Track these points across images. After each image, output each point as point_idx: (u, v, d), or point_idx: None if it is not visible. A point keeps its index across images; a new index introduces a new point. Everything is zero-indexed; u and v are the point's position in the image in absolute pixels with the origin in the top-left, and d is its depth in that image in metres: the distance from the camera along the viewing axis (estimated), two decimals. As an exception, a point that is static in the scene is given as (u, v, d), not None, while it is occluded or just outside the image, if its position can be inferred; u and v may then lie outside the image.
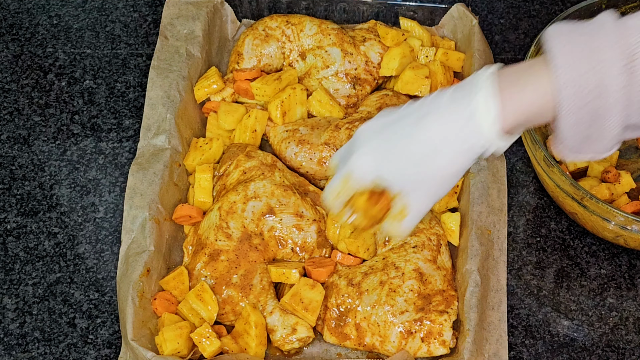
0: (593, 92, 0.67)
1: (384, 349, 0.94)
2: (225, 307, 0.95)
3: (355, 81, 1.13)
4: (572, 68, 0.67)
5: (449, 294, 0.95)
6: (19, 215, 1.09)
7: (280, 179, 1.02)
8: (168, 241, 1.01)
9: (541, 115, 0.71)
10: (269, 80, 1.11)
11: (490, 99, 0.71)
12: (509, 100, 0.71)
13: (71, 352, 0.98)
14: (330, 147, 1.05)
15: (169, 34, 1.15)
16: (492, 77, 0.72)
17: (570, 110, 0.69)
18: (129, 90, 1.20)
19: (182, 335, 0.92)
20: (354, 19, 1.22)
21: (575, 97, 0.68)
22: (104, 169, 1.13)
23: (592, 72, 0.67)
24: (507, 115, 0.72)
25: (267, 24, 1.16)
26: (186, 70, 1.11)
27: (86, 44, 1.25)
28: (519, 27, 1.26)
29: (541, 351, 0.97)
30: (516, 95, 0.71)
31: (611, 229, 0.97)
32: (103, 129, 1.16)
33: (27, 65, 1.23)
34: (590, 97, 0.67)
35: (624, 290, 1.02)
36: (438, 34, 1.20)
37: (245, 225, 0.98)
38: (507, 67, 0.73)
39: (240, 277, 0.96)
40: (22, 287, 1.03)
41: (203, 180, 1.04)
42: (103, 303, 1.01)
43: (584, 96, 0.67)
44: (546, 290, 1.02)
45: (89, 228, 1.07)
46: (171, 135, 1.06)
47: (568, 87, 0.68)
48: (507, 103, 0.71)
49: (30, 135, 1.16)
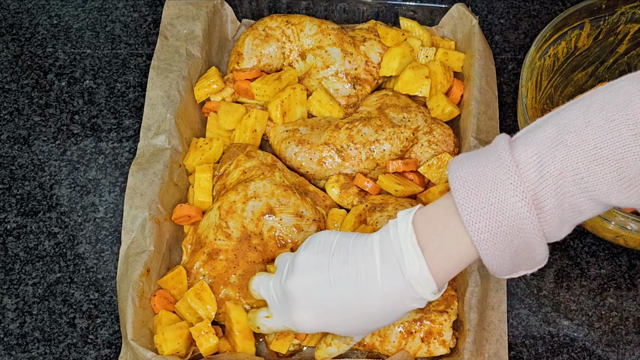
0: (509, 235, 0.70)
1: (384, 348, 0.94)
2: (223, 307, 0.95)
3: (355, 81, 1.13)
4: (483, 219, 0.70)
5: (449, 294, 0.95)
6: (19, 215, 1.09)
7: (280, 179, 1.02)
8: (168, 241, 1.01)
9: (469, 261, 0.74)
10: (269, 80, 1.11)
11: (423, 272, 0.74)
12: (437, 265, 0.74)
13: (71, 352, 0.98)
14: (330, 147, 1.05)
15: (169, 34, 1.15)
16: (413, 239, 0.74)
17: (493, 255, 0.71)
18: (129, 90, 1.20)
19: (182, 335, 0.92)
20: (354, 19, 1.22)
21: (494, 245, 0.70)
22: (104, 169, 1.13)
23: (503, 219, 0.69)
24: (440, 279, 0.75)
25: (267, 24, 1.16)
26: (186, 70, 1.11)
27: (86, 44, 1.25)
28: (519, 27, 1.26)
29: (541, 351, 0.97)
30: (441, 257, 0.74)
31: (611, 229, 0.97)
32: (103, 129, 1.16)
33: (27, 65, 1.23)
34: (507, 240, 0.70)
35: (624, 290, 1.02)
36: (438, 34, 1.20)
37: (244, 225, 0.98)
38: (422, 217, 0.75)
39: (238, 277, 0.96)
40: (22, 287, 1.03)
41: (203, 180, 1.04)
42: (103, 303, 1.02)
43: (501, 242, 0.70)
44: (546, 290, 1.02)
45: (89, 228, 1.07)
46: (171, 135, 1.06)
47: (484, 239, 0.70)
48: (436, 268, 0.74)
49: (30, 135, 1.16)
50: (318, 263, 0.79)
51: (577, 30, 1.10)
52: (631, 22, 1.11)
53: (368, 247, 0.77)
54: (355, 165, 1.05)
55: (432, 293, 0.75)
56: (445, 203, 0.74)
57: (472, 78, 1.09)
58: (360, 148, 1.05)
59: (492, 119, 1.09)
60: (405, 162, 1.05)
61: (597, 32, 1.11)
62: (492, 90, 1.11)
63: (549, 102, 1.13)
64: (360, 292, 0.76)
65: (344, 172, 1.05)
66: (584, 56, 1.13)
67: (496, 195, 0.69)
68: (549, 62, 1.09)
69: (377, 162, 1.05)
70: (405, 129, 1.06)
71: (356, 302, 0.77)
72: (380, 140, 1.05)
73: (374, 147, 1.05)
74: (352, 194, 1.03)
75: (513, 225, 0.69)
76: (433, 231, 0.74)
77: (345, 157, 1.05)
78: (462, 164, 0.73)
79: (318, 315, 0.79)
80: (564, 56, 1.12)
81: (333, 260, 0.78)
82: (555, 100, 1.13)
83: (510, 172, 0.69)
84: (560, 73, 1.13)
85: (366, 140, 1.05)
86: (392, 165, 1.05)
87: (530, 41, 1.24)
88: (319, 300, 0.78)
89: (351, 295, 0.77)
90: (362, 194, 1.04)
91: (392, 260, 0.75)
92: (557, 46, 1.09)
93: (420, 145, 1.07)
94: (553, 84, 1.13)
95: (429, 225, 0.74)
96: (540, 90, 1.10)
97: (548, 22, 1.06)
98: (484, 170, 0.71)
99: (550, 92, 1.13)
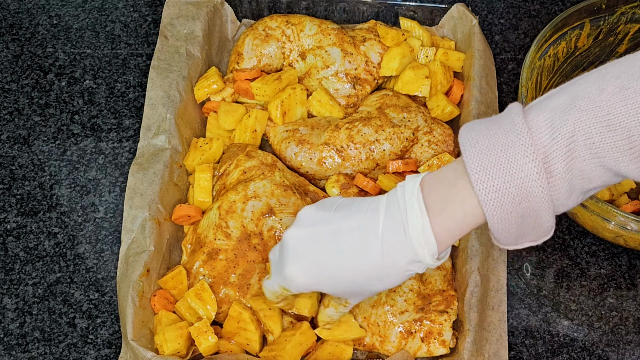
0: (516, 198, 0.69)
1: (384, 348, 0.94)
2: (222, 306, 0.96)
3: (355, 81, 1.13)
4: (492, 179, 0.69)
5: (449, 294, 0.95)
6: (19, 215, 1.09)
7: (280, 179, 1.02)
8: (168, 241, 1.01)
9: (474, 225, 0.73)
10: (269, 80, 1.11)
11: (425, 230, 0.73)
12: (441, 225, 0.73)
13: (71, 352, 0.98)
14: (330, 147, 1.05)
15: (169, 34, 1.15)
16: (419, 197, 0.73)
17: (499, 217, 0.70)
18: (129, 90, 1.20)
19: (182, 335, 0.92)
20: (354, 19, 1.22)
21: (501, 206, 0.69)
22: (104, 169, 1.13)
23: (512, 180, 0.68)
24: (442, 240, 0.73)
25: (267, 24, 1.16)
26: (186, 70, 1.11)
27: (86, 44, 1.25)
28: (519, 27, 1.26)
29: (541, 351, 0.97)
30: (446, 216, 0.73)
31: (611, 229, 0.97)
32: (103, 129, 1.16)
33: (27, 65, 1.23)
34: (515, 203, 0.69)
35: (624, 290, 1.02)
36: (438, 34, 1.20)
37: (244, 224, 0.98)
38: (430, 179, 0.74)
39: (238, 277, 0.96)
40: (22, 287, 1.03)
41: (202, 179, 1.04)
42: (103, 303, 1.02)
43: (508, 203, 0.69)
44: (546, 290, 1.02)
45: (89, 228, 1.07)
46: (171, 135, 1.06)
47: (491, 199, 0.69)
48: (439, 228, 0.73)
49: (30, 135, 1.16)
50: (318, 216, 0.78)
51: (577, 30, 1.10)
52: (631, 22, 1.11)
53: (374, 205, 0.76)
54: (355, 165, 1.05)
55: (432, 256, 0.74)
56: (454, 166, 0.73)
57: (472, 78, 1.09)
58: (360, 148, 1.05)
59: (492, 119, 1.09)
60: (405, 162, 1.05)
61: (597, 32, 1.11)
62: (492, 90, 1.11)
63: (549, 102, 1.13)
64: (359, 243, 0.75)
65: (344, 172, 1.05)
66: (584, 56, 1.13)
67: (506, 156, 0.68)
68: (549, 62, 1.09)
69: (377, 162, 1.05)
70: (405, 129, 1.06)
71: (353, 255, 0.75)
72: (380, 140, 1.05)
73: (374, 147, 1.05)
74: (352, 194, 1.03)
75: (522, 187, 0.68)
76: (439, 191, 0.73)
77: (345, 157, 1.05)
78: (474, 127, 0.72)
79: (309, 268, 0.77)
80: (564, 56, 1.12)
81: (337, 213, 0.77)
82: (555, 100, 1.13)
83: (522, 134, 0.68)
84: (560, 73, 1.13)
85: (366, 140, 1.05)
86: (392, 165, 1.05)
87: (530, 41, 1.24)
88: (313, 251, 0.77)
89: (349, 247, 0.75)
90: (362, 194, 1.04)
91: (395, 216, 0.74)
92: (557, 46, 1.09)
93: (420, 145, 1.07)
94: (553, 84, 1.13)
95: (436, 186, 0.73)
96: (540, 90, 1.10)
97: (548, 22, 1.06)
98: (496, 132, 0.70)
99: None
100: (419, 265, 0.75)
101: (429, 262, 0.74)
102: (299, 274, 0.77)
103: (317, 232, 0.77)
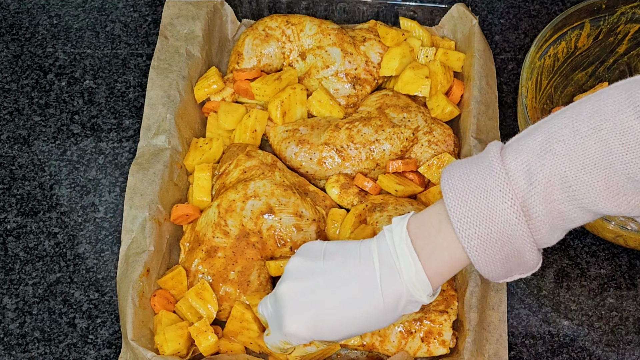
0: (499, 242, 0.71)
1: (384, 348, 0.94)
2: (223, 304, 0.96)
3: (355, 81, 1.13)
4: (473, 226, 0.70)
5: (449, 294, 0.95)
6: (19, 215, 1.09)
7: (280, 179, 1.02)
8: (168, 241, 1.01)
9: (462, 266, 0.75)
10: (269, 80, 1.11)
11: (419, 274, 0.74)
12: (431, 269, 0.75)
13: (71, 352, 0.98)
14: (330, 147, 1.05)
15: (169, 34, 1.15)
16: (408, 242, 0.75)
17: (484, 261, 0.72)
18: (129, 90, 1.20)
19: (183, 335, 0.92)
20: (354, 19, 1.22)
21: (484, 251, 0.71)
22: (104, 169, 1.13)
23: (492, 226, 0.70)
24: (435, 281, 0.75)
25: (267, 24, 1.16)
26: (186, 70, 1.11)
27: (86, 44, 1.25)
28: (519, 27, 1.26)
29: (541, 351, 0.97)
30: (435, 260, 0.74)
31: (611, 229, 0.97)
32: (103, 129, 1.16)
33: (27, 65, 1.23)
34: (497, 247, 0.71)
35: (624, 290, 1.02)
36: (438, 34, 1.20)
37: (243, 223, 0.98)
38: (416, 222, 0.76)
39: (237, 274, 0.96)
40: (22, 287, 1.03)
41: (202, 179, 1.04)
42: (103, 303, 1.02)
43: (491, 248, 0.71)
44: (546, 290, 1.02)
45: (89, 228, 1.07)
46: (171, 135, 1.06)
47: (474, 245, 0.71)
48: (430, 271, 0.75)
49: (30, 135, 1.16)
50: (308, 267, 0.79)
51: (577, 30, 1.10)
52: (631, 22, 1.11)
53: (366, 251, 0.77)
54: (355, 165, 1.05)
55: (427, 296, 0.76)
56: (437, 209, 0.75)
57: (472, 78, 1.09)
58: (360, 148, 1.05)
59: (492, 119, 1.09)
60: (405, 162, 1.05)
61: (597, 32, 1.11)
62: (492, 90, 1.11)
63: (549, 102, 1.13)
64: (360, 292, 0.76)
65: (344, 172, 1.05)
66: (584, 56, 1.14)
67: (486, 203, 0.70)
68: (549, 62, 1.09)
69: (377, 162, 1.05)
70: (405, 129, 1.06)
71: (356, 304, 0.77)
72: (380, 140, 1.05)
73: (374, 147, 1.05)
74: (352, 194, 1.03)
75: (503, 232, 0.70)
76: (426, 235, 0.75)
77: (345, 157, 1.05)
78: (454, 171, 0.74)
79: (308, 322, 0.78)
80: (564, 56, 1.12)
81: (328, 263, 0.78)
82: (555, 100, 1.13)
83: (500, 179, 0.70)
84: (560, 73, 1.13)
85: (366, 140, 1.05)
86: (392, 165, 1.05)
87: (530, 41, 1.24)
88: (312, 304, 0.77)
89: (350, 296, 0.76)
90: (362, 194, 1.04)
91: (389, 263, 0.76)
92: (557, 46, 1.09)
93: (420, 145, 1.07)
94: (553, 84, 1.13)
95: (422, 230, 0.75)
96: (540, 90, 1.10)
97: (548, 22, 1.06)
98: (475, 177, 0.71)
99: (550, 92, 1.13)
100: (416, 304, 0.77)
101: (425, 301, 0.76)
102: (300, 329, 0.78)
103: (313, 285, 0.78)
